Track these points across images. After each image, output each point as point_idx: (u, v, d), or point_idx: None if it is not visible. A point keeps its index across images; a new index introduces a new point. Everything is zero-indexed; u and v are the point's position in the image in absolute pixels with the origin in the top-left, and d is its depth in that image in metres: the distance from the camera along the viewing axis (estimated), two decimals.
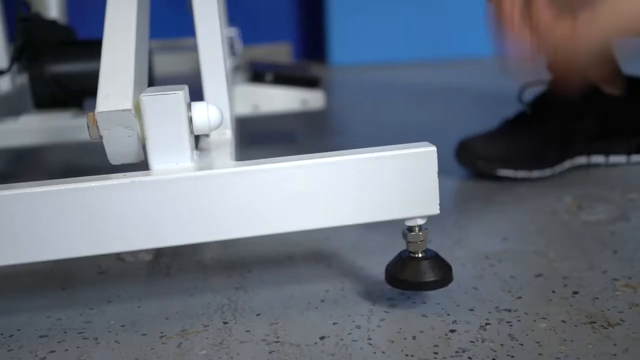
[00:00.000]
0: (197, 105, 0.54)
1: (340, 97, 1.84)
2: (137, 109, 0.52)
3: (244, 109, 1.14)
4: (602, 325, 0.53)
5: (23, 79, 1.07)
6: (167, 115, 0.52)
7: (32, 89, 0.93)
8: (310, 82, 1.17)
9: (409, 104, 1.68)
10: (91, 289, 0.64)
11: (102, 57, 0.57)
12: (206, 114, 0.54)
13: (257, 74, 1.16)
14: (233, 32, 1.42)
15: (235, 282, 0.64)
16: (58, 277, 0.67)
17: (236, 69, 1.37)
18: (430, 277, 0.55)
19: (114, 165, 0.55)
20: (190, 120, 0.53)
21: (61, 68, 0.93)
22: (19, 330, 0.57)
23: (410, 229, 0.55)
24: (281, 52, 2.45)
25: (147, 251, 0.72)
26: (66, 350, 0.53)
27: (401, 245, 0.57)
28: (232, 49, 1.39)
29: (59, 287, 0.65)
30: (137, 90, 0.55)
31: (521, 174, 0.93)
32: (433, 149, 0.53)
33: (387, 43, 2.44)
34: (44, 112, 0.96)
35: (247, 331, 0.54)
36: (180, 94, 0.52)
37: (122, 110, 0.51)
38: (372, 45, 2.44)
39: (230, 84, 1.13)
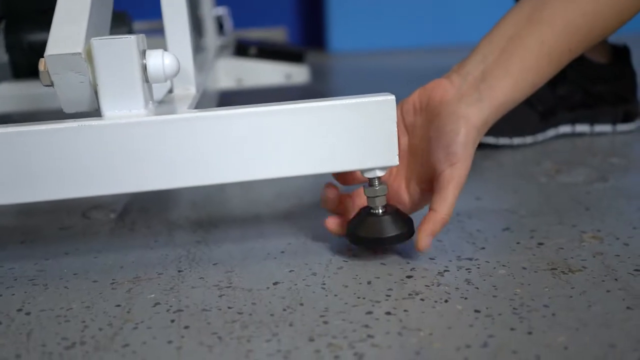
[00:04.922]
0: (152, 53, 0.53)
1: (337, 82, 1.83)
2: (89, 54, 0.51)
3: (228, 83, 1.13)
4: (562, 272, 0.52)
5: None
6: (119, 60, 0.51)
7: (10, 57, 0.92)
8: (294, 56, 1.16)
9: (406, 87, 1.66)
10: (51, 243, 0.64)
11: (56, 5, 0.56)
12: (161, 61, 0.53)
13: (241, 47, 1.15)
14: (222, 11, 1.41)
15: (199, 236, 0.63)
16: (20, 232, 0.67)
17: (224, 47, 1.37)
18: (391, 232, 0.54)
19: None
20: (144, 67, 0.53)
21: (39, 36, 0.92)
22: None
23: (370, 182, 0.54)
24: (277, 37, 2.44)
25: (113, 209, 0.71)
26: (13, 294, 0.52)
27: None
28: (221, 29, 1.39)
29: (19, 240, 0.65)
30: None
31: (502, 140, 0.91)
32: (392, 97, 0.52)
33: (386, 30, 2.42)
34: (22, 81, 0.95)
35: (201, 278, 0.54)
36: (132, 39, 0.51)
37: (72, 53, 0.50)
38: (372, 31, 2.42)
39: (215, 59, 1.12)
